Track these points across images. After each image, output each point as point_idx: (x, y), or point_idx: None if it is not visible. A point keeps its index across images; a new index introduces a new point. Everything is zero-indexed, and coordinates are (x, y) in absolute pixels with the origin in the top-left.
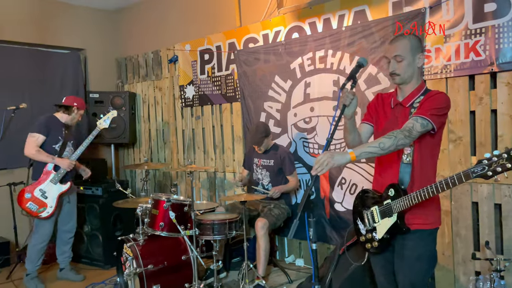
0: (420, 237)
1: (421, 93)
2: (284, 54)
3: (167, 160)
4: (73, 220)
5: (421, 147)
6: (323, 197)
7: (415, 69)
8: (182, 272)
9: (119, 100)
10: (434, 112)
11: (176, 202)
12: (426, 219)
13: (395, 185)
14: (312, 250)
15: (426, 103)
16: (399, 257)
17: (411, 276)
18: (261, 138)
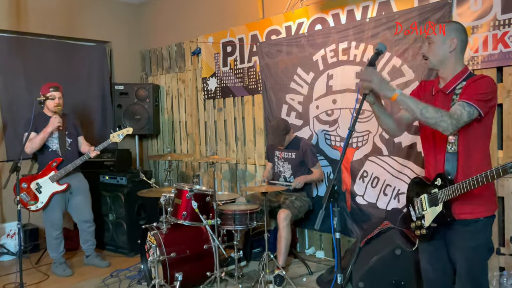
0: (475, 228)
1: (463, 78)
2: (307, 46)
3: (189, 151)
4: (88, 210)
5: (466, 136)
6: (345, 190)
7: (445, 54)
8: (203, 261)
9: (143, 92)
10: (479, 97)
11: (198, 192)
12: (476, 208)
13: (442, 175)
14: (335, 239)
15: (470, 88)
16: (454, 248)
17: (468, 266)
18: (282, 136)
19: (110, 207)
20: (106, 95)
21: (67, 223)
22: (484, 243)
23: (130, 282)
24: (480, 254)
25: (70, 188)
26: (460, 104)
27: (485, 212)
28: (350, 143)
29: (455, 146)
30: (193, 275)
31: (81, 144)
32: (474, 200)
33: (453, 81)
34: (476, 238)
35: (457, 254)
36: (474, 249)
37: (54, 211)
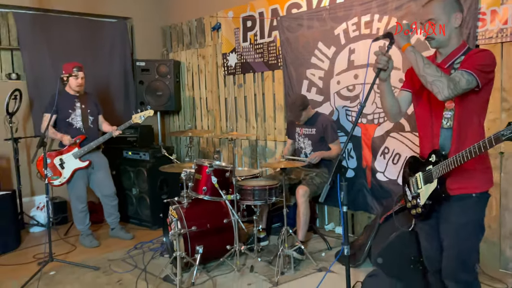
0: (466, 204)
1: (462, 52)
2: (328, 19)
3: (210, 127)
4: (109, 185)
5: (462, 110)
6: (365, 167)
7: (452, 30)
8: (223, 235)
9: (164, 68)
10: (479, 67)
11: (218, 168)
12: (469, 183)
13: (436, 151)
14: (342, 212)
15: (470, 59)
16: (445, 223)
17: (457, 243)
18: (299, 112)
19: (134, 182)
20: (128, 72)
21: (93, 197)
22: (475, 220)
23: (153, 254)
24: (471, 230)
25: (92, 164)
26: (459, 72)
27: (478, 188)
28: (371, 119)
29: (451, 122)
30: (213, 248)
31: (101, 123)
32: (468, 175)
33: (452, 56)
34: (468, 213)
35: (446, 231)
36: (465, 225)
37: (78, 186)
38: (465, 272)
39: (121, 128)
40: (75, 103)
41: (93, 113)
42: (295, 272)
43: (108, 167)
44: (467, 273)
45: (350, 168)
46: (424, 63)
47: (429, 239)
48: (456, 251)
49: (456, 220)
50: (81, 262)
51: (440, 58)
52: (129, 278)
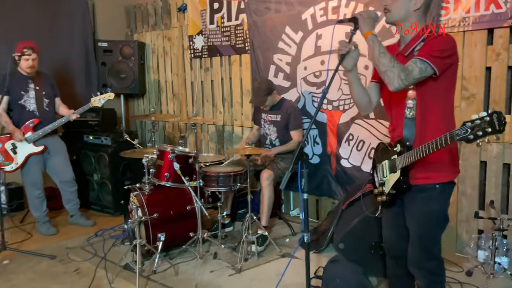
0: (430, 195)
1: (421, 39)
2: (296, 3)
3: (176, 112)
4: (67, 170)
5: (424, 99)
6: (330, 153)
7: (409, 11)
8: (187, 222)
9: (128, 50)
10: (435, 54)
11: (181, 154)
12: (433, 173)
13: (401, 141)
14: (303, 200)
15: (427, 45)
16: (409, 213)
17: (420, 233)
18: (264, 97)
19: (95, 167)
20: (89, 52)
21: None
22: (438, 210)
23: (114, 242)
24: (433, 221)
25: (48, 149)
26: (413, 60)
27: (442, 178)
28: (336, 106)
29: (413, 111)
30: (176, 235)
31: (58, 106)
32: (431, 166)
33: (412, 42)
34: (431, 204)
35: (410, 220)
36: (427, 216)
37: (33, 171)
38: (430, 261)
39: (79, 112)
40: (28, 84)
41: (48, 95)
42: (258, 258)
43: (66, 152)
44: (432, 261)
45: (315, 154)
46: (380, 52)
47: (391, 226)
48: (419, 240)
49: (419, 211)
50: (37, 250)
51: (402, 45)
52: (88, 266)
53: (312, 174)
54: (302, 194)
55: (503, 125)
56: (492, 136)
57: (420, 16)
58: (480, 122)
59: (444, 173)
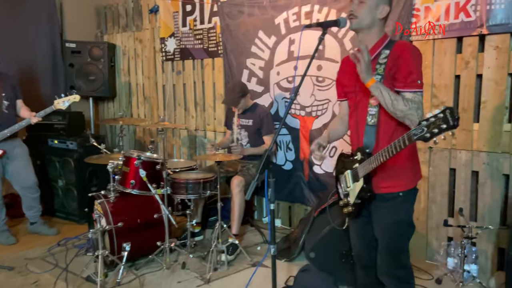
0: (394, 203)
1: (384, 44)
2: (269, 7)
3: (147, 116)
4: (29, 176)
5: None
6: (303, 159)
7: (375, 19)
8: (154, 230)
9: (97, 51)
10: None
11: (147, 160)
12: (396, 181)
13: (361, 148)
14: (270, 210)
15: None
16: (375, 222)
17: (388, 242)
18: (237, 98)
19: (60, 172)
20: (56, 53)
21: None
22: (403, 219)
23: (78, 252)
24: (400, 230)
25: (6, 154)
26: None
27: (404, 186)
28: (309, 112)
29: (375, 119)
30: (143, 244)
31: (19, 108)
32: (393, 174)
33: (375, 48)
34: (396, 213)
35: (378, 230)
36: (393, 225)
37: None
38: (399, 269)
39: (41, 115)
40: None
41: (9, 97)
42: (228, 268)
43: (28, 156)
44: (401, 269)
45: (288, 161)
46: (392, 99)
47: (359, 236)
48: (388, 250)
49: (385, 221)
50: None
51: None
52: (48, 278)
53: (285, 180)
54: (269, 204)
55: (456, 120)
56: (447, 133)
57: (382, 24)
58: (434, 120)
59: (406, 181)
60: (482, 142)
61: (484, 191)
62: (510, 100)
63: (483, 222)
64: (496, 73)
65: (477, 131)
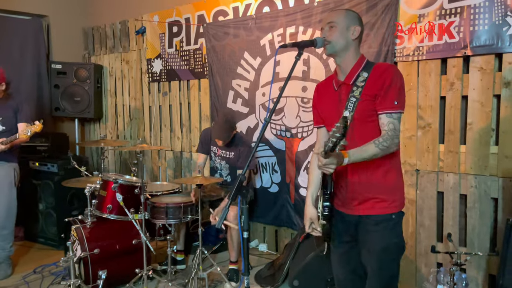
0: (386, 226)
1: (362, 67)
2: (254, 29)
3: (133, 137)
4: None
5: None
6: (289, 182)
7: (348, 41)
8: (133, 257)
9: (83, 72)
10: (398, 97)
11: (125, 184)
12: (387, 202)
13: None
14: (242, 238)
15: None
16: (365, 249)
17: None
18: (229, 132)
19: (40, 196)
20: (42, 74)
21: None
22: (397, 243)
23: (54, 279)
24: (392, 254)
25: None
26: (388, 116)
27: (396, 207)
28: (295, 133)
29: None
30: (121, 272)
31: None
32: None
33: (354, 71)
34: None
35: (367, 257)
36: (386, 250)
37: None
38: None
39: (7, 142)
40: None
41: (6, 123)
42: None
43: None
44: None
45: (274, 183)
46: (367, 154)
47: (342, 264)
48: (380, 277)
49: (376, 246)
50: None
51: (343, 76)
52: None
53: (271, 203)
54: (242, 232)
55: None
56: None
57: (357, 45)
58: (334, 130)
59: (397, 202)
60: (469, 164)
61: (472, 215)
62: (496, 122)
63: (473, 247)
64: (481, 94)
65: (464, 153)
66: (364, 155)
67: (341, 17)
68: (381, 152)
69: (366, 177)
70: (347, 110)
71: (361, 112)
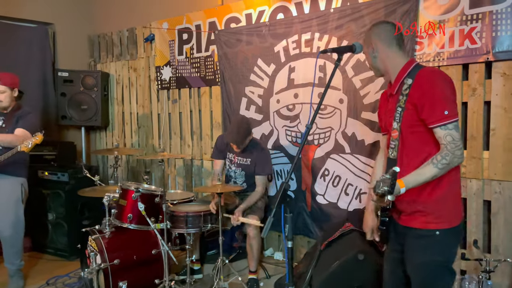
0: (428, 242)
1: (407, 73)
2: (268, 36)
3: (141, 145)
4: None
5: (406, 141)
6: (305, 189)
7: (376, 61)
8: (152, 267)
9: (90, 80)
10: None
11: (146, 193)
12: (432, 217)
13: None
14: (287, 248)
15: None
16: (407, 260)
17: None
18: (244, 137)
19: (49, 205)
20: (48, 82)
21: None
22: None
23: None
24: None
25: None
26: (442, 128)
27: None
28: (311, 140)
29: (395, 152)
30: (140, 283)
31: None
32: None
33: (398, 79)
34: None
35: (409, 268)
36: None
37: None
38: None
39: (4, 157)
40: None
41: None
42: None
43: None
44: None
45: (290, 190)
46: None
47: (390, 271)
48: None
49: (416, 259)
50: None
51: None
52: None
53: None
54: (287, 241)
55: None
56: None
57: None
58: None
59: (445, 218)
60: (493, 170)
61: (497, 222)
62: None
63: (497, 254)
64: (504, 100)
65: (487, 159)
66: (421, 179)
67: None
68: (441, 171)
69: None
70: (395, 121)
71: (407, 122)
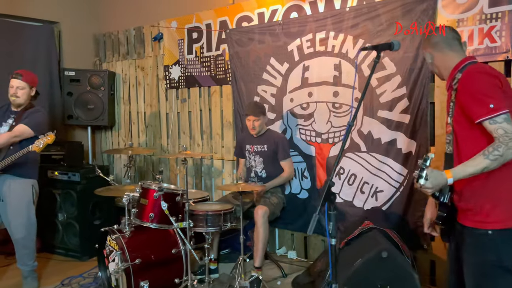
0: (480, 241)
1: (459, 69)
2: (281, 34)
3: (149, 145)
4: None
5: (460, 137)
6: (319, 188)
7: (433, 66)
8: (171, 267)
9: (97, 79)
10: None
11: (168, 192)
12: (486, 216)
13: None
14: (331, 245)
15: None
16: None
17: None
18: (259, 111)
19: (60, 206)
20: (54, 82)
21: None
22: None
23: None
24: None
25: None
26: (491, 122)
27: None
28: (326, 139)
29: (451, 147)
30: (160, 282)
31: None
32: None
33: (451, 76)
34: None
35: (464, 267)
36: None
37: None
38: None
39: (15, 157)
40: (7, 118)
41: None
42: None
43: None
44: None
45: (304, 189)
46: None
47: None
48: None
49: (469, 258)
50: None
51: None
52: None
53: (301, 210)
54: (330, 239)
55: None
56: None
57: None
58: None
59: (499, 217)
60: None
61: None
62: None
63: None
64: None
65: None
66: (471, 171)
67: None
68: (493, 163)
69: (464, 183)
70: (449, 116)
71: (457, 116)
